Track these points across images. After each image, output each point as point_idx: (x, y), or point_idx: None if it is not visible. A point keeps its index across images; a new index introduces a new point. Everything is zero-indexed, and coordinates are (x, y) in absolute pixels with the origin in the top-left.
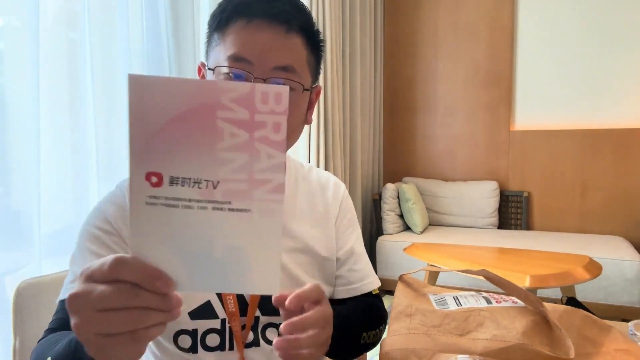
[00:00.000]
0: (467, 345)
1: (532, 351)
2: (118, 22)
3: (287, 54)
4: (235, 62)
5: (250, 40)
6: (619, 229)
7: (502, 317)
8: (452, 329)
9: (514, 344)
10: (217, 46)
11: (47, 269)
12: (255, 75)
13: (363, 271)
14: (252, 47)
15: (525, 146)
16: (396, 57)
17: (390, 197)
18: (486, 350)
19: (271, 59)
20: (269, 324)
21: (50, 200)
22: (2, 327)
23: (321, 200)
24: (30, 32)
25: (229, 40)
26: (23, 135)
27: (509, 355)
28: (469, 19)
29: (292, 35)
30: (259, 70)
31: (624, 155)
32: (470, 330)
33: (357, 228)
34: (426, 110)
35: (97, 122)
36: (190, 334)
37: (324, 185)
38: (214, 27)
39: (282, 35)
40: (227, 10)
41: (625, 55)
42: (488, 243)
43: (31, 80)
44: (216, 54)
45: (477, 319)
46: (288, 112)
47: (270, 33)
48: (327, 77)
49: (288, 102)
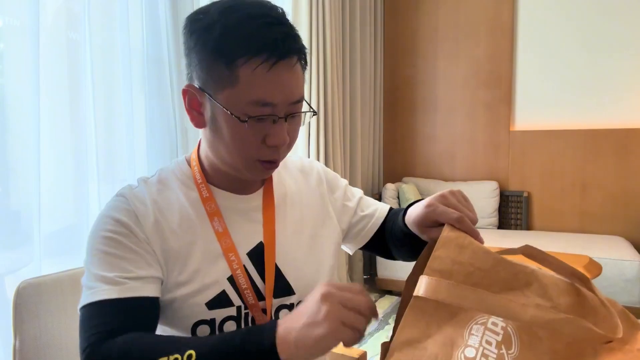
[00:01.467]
0: (516, 310)
1: (582, 327)
2: (118, 22)
3: (299, 86)
4: (262, 108)
5: (273, 85)
6: (619, 229)
7: (551, 286)
8: (500, 280)
9: (564, 318)
10: (228, 85)
11: (47, 269)
12: (279, 115)
13: (372, 205)
14: (275, 90)
15: (525, 146)
16: (396, 57)
17: (390, 197)
18: (535, 319)
19: (290, 95)
20: (281, 305)
21: (50, 200)
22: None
23: (305, 184)
24: (30, 32)
25: (244, 81)
26: (23, 135)
27: (557, 328)
28: (469, 19)
29: (297, 64)
30: (281, 109)
31: (624, 155)
32: (517, 288)
33: (345, 184)
34: (426, 110)
35: (97, 122)
36: (208, 323)
37: (301, 170)
38: (217, 59)
39: (292, 69)
40: (227, 40)
41: (625, 55)
42: (488, 243)
43: (31, 80)
44: (231, 95)
45: (526, 277)
46: (297, 133)
47: (284, 69)
48: (327, 77)
49: None
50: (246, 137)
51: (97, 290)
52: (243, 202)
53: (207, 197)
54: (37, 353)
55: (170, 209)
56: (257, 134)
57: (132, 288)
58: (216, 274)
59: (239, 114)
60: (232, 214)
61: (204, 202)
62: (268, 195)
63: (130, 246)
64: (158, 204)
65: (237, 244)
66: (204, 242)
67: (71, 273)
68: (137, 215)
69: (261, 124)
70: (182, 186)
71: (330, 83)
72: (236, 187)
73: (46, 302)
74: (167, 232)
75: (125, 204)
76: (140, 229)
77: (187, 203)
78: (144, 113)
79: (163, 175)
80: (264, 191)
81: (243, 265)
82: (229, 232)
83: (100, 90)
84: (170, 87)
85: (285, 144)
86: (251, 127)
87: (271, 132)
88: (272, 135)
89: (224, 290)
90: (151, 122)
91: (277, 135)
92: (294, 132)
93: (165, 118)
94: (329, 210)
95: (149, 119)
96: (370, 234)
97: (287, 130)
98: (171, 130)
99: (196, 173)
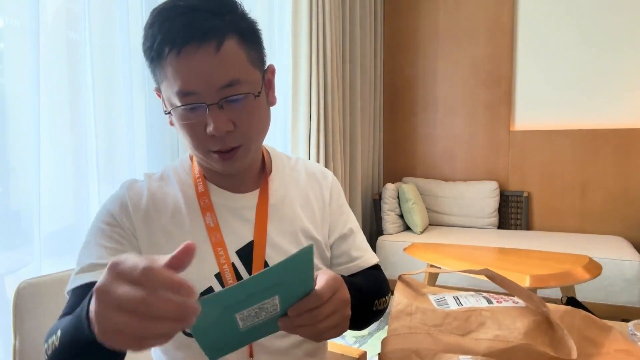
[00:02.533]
0: (470, 345)
1: (535, 352)
2: (118, 22)
3: (226, 70)
4: (185, 97)
5: (187, 71)
6: (619, 229)
7: (504, 317)
8: (454, 329)
9: (517, 345)
10: (163, 81)
11: (47, 269)
12: (207, 103)
13: (361, 248)
14: (192, 78)
15: (525, 146)
16: (396, 57)
17: (390, 197)
18: (489, 350)
19: (214, 81)
20: None
21: (50, 200)
22: (2, 327)
23: (311, 189)
24: (30, 32)
25: (169, 76)
26: (23, 135)
27: (511, 356)
28: (469, 19)
29: (225, 46)
30: (207, 96)
31: (624, 155)
32: (472, 330)
33: (349, 211)
34: (426, 110)
35: (97, 122)
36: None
37: (311, 175)
38: (150, 61)
39: (213, 53)
40: (155, 46)
41: (625, 55)
42: (488, 243)
43: (31, 80)
44: (165, 90)
45: (478, 318)
46: (250, 118)
47: (201, 56)
48: (327, 77)
49: None
50: (190, 129)
51: (72, 278)
52: (237, 201)
53: (202, 192)
54: (37, 353)
55: (165, 205)
56: (199, 125)
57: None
58: (203, 271)
59: (172, 107)
60: (224, 211)
61: (198, 197)
62: (263, 195)
63: (115, 238)
64: (154, 198)
65: (228, 242)
66: (194, 238)
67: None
68: (129, 205)
69: (195, 113)
70: (181, 183)
71: (330, 83)
72: (232, 186)
73: (46, 302)
74: (156, 228)
75: (122, 195)
76: (128, 218)
77: (183, 199)
78: (144, 113)
79: (166, 172)
80: (261, 191)
81: (232, 262)
82: (220, 227)
83: (100, 90)
84: None
85: (223, 132)
86: (187, 117)
87: (208, 120)
88: (209, 124)
89: (210, 286)
90: (151, 122)
91: (212, 124)
92: (241, 117)
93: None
94: (326, 219)
95: (149, 119)
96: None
97: (229, 116)
98: (171, 130)
99: (195, 167)
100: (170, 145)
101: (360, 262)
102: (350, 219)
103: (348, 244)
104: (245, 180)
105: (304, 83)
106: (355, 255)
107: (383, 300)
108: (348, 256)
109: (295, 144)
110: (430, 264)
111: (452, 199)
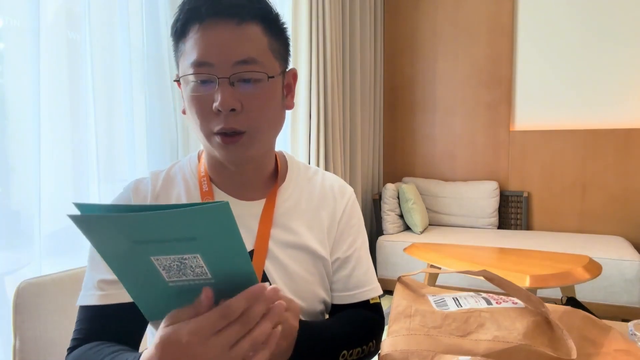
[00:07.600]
0: (469, 347)
1: (534, 352)
2: (118, 22)
3: (244, 46)
4: (198, 68)
5: (205, 42)
6: (619, 229)
7: (503, 318)
8: (453, 330)
9: (517, 345)
10: (181, 56)
11: (47, 269)
12: (218, 76)
13: (362, 278)
14: (209, 48)
15: (525, 146)
16: (396, 57)
17: (390, 197)
18: (488, 351)
19: (229, 55)
20: None
21: (50, 200)
22: (2, 327)
23: (324, 203)
24: (30, 32)
25: (188, 48)
26: (23, 135)
27: (511, 356)
28: (469, 19)
29: (247, 26)
30: (220, 70)
31: (624, 155)
32: (471, 332)
33: (362, 234)
34: (426, 110)
35: (97, 122)
36: None
37: (328, 189)
38: (174, 37)
39: (234, 29)
40: (180, 18)
41: (626, 55)
42: (488, 243)
43: (31, 80)
44: (182, 63)
45: (477, 319)
46: (259, 102)
47: (222, 29)
48: (327, 77)
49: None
50: (198, 103)
51: (83, 294)
52: (241, 208)
53: (206, 192)
54: (37, 353)
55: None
56: (207, 100)
57: (110, 296)
58: None
59: (183, 75)
60: None
61: (202, 196)
62: (270, 205)
63: None
64: (158, 199)
65: None
66: None
67: (71, 273)
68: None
69: (206, 87)
70: (186, 183)
71: (330, 83)
72: (238, 192)
73: (46, 302)
74: None
75: (125, 196)
76: None
77: (186, 200)
78: (144, 112)
79: (172, 171)
80: (267, 200)
81: None
82: None
83: (100, 90)
84: (171, 86)
85: (228, 108)
86: (197, 90)
87: (216, 96)
88: (216, 99)
89: None
90: (151, 122)
91: (219, 99)
92: (250, 100)
93: (166, 117)
94: (332, 237)
95: (149, 119)
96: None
97: (239, 96)
98: (171, 130)
99: (202, 166)
100: (170, 145)
101: (357, 293)
102: (357, 244)
103: (347, 269)
104: (252, 187)
105: (304, 83)
106: (351, 285)
107: (358, 351)
108: (344, 284)
109: (295, 144)
110: (430, 264)
111: (452, 199)
